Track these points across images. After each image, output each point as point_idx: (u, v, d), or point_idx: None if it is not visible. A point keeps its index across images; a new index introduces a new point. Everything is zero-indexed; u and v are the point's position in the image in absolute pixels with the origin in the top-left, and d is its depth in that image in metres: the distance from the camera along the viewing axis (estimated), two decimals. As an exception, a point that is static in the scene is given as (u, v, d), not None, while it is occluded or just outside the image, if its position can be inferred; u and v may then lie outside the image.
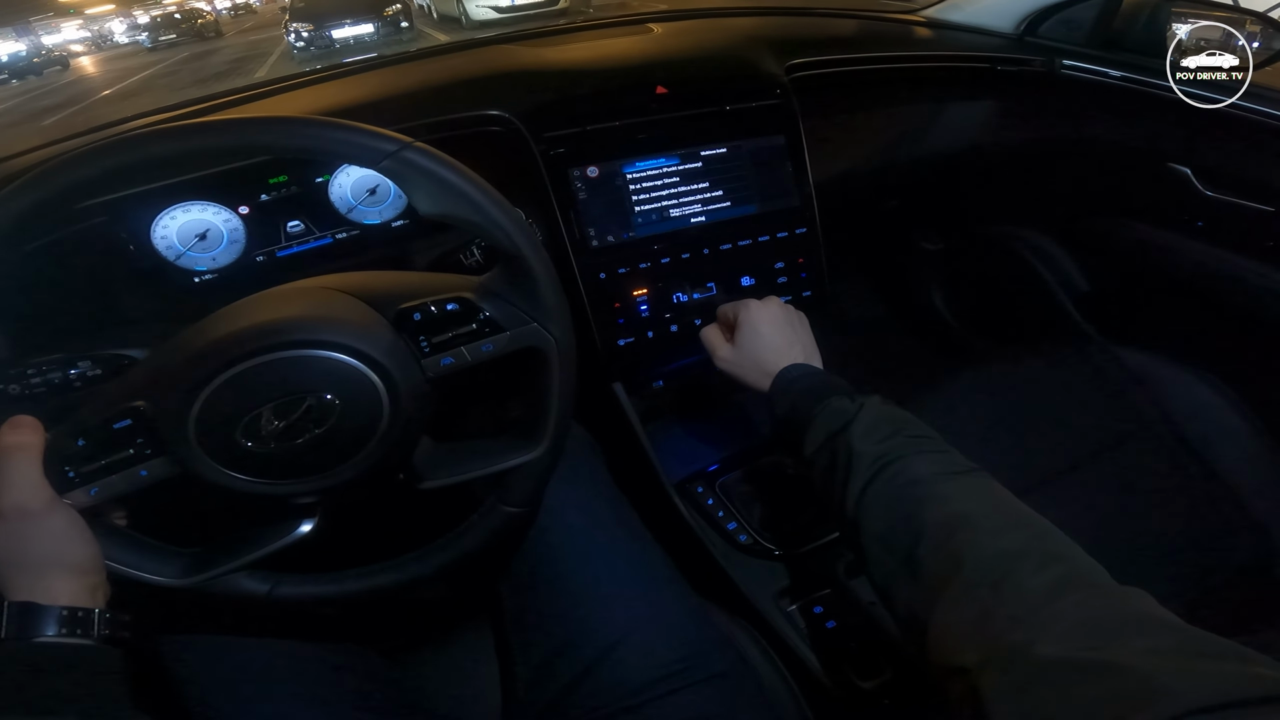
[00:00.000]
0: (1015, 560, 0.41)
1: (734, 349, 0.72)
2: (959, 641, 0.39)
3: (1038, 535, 0.44)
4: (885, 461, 0.53)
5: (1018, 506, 0.48)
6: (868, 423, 0.57)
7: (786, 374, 0.67)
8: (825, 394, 0.61)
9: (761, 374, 0.69)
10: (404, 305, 0.48)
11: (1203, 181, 0.99)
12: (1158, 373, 0.96)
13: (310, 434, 0.46)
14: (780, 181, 0.87)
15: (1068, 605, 0.37)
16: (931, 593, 0.43)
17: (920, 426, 0.58)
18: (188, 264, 0.69)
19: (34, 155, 0.76)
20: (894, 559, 0.48)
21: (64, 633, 0.43)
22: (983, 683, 0.35)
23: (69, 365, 0.50)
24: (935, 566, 0.45)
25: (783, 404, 0.65)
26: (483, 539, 0.57)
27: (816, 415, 0.60)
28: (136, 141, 0.43)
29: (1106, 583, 0.40)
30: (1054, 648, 0.34)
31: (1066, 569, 0.40)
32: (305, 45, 9.76)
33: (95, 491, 0.45)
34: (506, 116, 0.79)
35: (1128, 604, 0.37)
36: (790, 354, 0.69)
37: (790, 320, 0.72)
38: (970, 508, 0.47)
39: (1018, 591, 0.39)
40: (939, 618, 0.42)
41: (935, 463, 0.53)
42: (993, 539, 0.43)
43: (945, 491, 0.49)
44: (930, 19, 1.21)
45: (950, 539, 0.45)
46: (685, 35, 1.08)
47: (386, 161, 0.45)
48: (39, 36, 21.82)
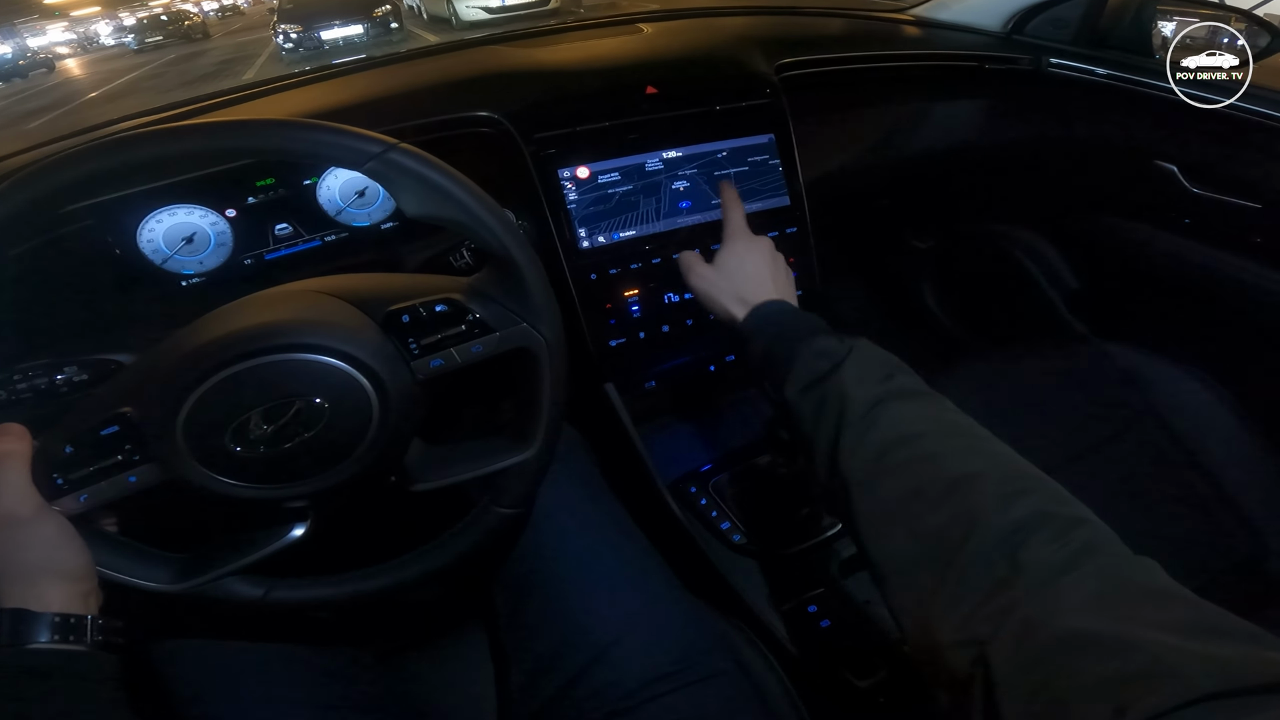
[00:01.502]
0: (1029, 527, 0.39)
1: (714, 269, 0.67)
2: (970, 613, 0.37)
3: (1050, 498, 0.42)
4: (880, 412, 0.49)
5: (1021, 464, 0.45)
6: (858, 366, 0.52)
7: (764, 308, 0.63)
8: (810, 331, 0.57)
9: (739, 301, 0.64)
10: (392, 307, 0.48)
11: (1189, 178, 1.00)
12: (1147, 369, 0.97)
13: (300, 438, 0.46)
14: (770, 181, 0.87)
15: (1083, 575, 0.36)
16: (939, 563, 0.40)
17: (909, 370, 0.55)
18: (175, 268, 0.68)
19: (19, 159, 0.76)
20: (895, 527, 0.45)
21: (57, 639, 0.43)
22: (993, 654, 0.34)
23: (55, 370, 0.50)
24: (943, 536, 0.41)
25: (759, 339, 0.61)
26: (476, 540, 0.57)
27: (799, 354, 0.55)
28: (119, 145, 0.42)
29: (1120, 551, 0.38)
30: (1067, 620, 0.33)
31: (1082, 537, 0.38)
32: (294, 47, 9.69)
33: (85, 498, 0.45)
34: (496, 117, 0.78)
35: (1141, 575, 0.36)
36: (770, 290, 0.65)
37: (777, 261, 0.68)
38: (976, 468, 0.44)
39: (1033, 561, 0.37)
40: (949, 589, 0.39)
41: (930, 411, 0.50)
42: (1004, 504, 0.41)
43: (947, 448, 0.46)
44: (918, 17, 1.22)
45: (958, 505, 0.42)
46: (675, 35, 1.08)
47: (371, 163, 0.45)
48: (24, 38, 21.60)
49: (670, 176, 0.83)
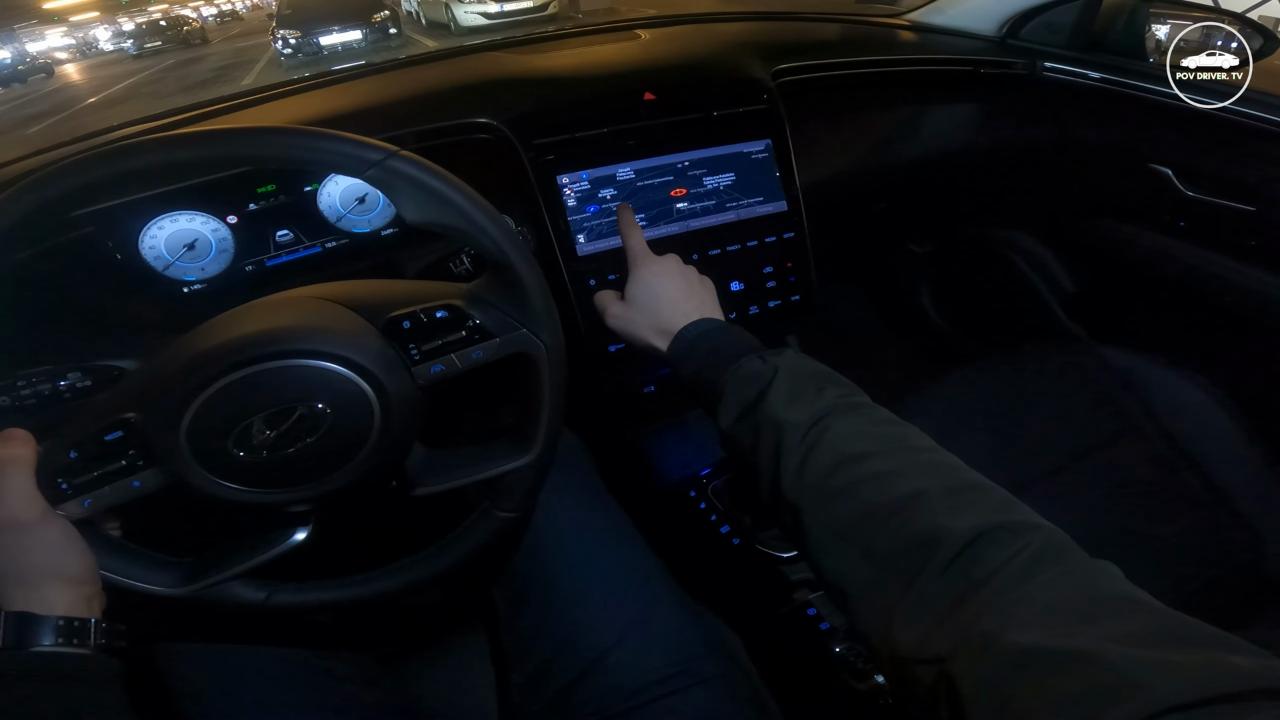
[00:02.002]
0: (982, 540, 0.38)
1: (625, 305, 0.65)
2: (930, 631, 0.37)
3: (999, 507, 0.41)
4: (818, 434, 0.48)
5: (967, 474, 0.45)
6: (788, 387, 0.51)
7: (687, 332, 0.60)
8: (732, 354, 0.56)
9: (658, 333, 0.62)
10: (393, 313, 0.49)
11: (1184, 181, 1.00)
12: (1144, 372, 0.97)
13: (302, 443, 0.46)
14: (768, 186, 0.87)
15: (1040, 584, 0.35)
16: (896, 583, 0.40)
17: (840, 380, 0.54)
18: (176, 274, 0.69)
19: (19, 165, 0.76)
20: (849, 549, 0.44)
21: (60, 642, 0.44)
22: (955, 672, 0.34)
23: (59, 377, 0.50)
24: (898, 555, 0.41)
25: (685, 368, 0.59)
26: (477, 544, 0.57)
27: (728, 382, 0.54)
28: (124, 152, 0.43)
29: (1078, 558, 0.38)
30: (1027, 634, 0.32)
31: (1036, 544, 0.38)
32: (293, 52, 9.71)
33: (88, 503, 0.45)
34: (495, 124, 0.79)
35: (1101, 582, 0.36)
36: (689, 310, 0.62)
37: (688, 276, 0.66)
38: (923, 483, 0.43)
39: (988, 574, 0.37)
40: (907, 608, 0.39)
41: (869, 426, 0.49)
42: (954, 518, 0.40)
43: (892, 466, 0.45)
44: (914, 22, 1.22)
45: (909, 523, 0.41)
46: (673, 41, 1.08)
47: (372, 170, 0.45)
48: (23, 43, 21.64)
49: (668, 182, 0.83)
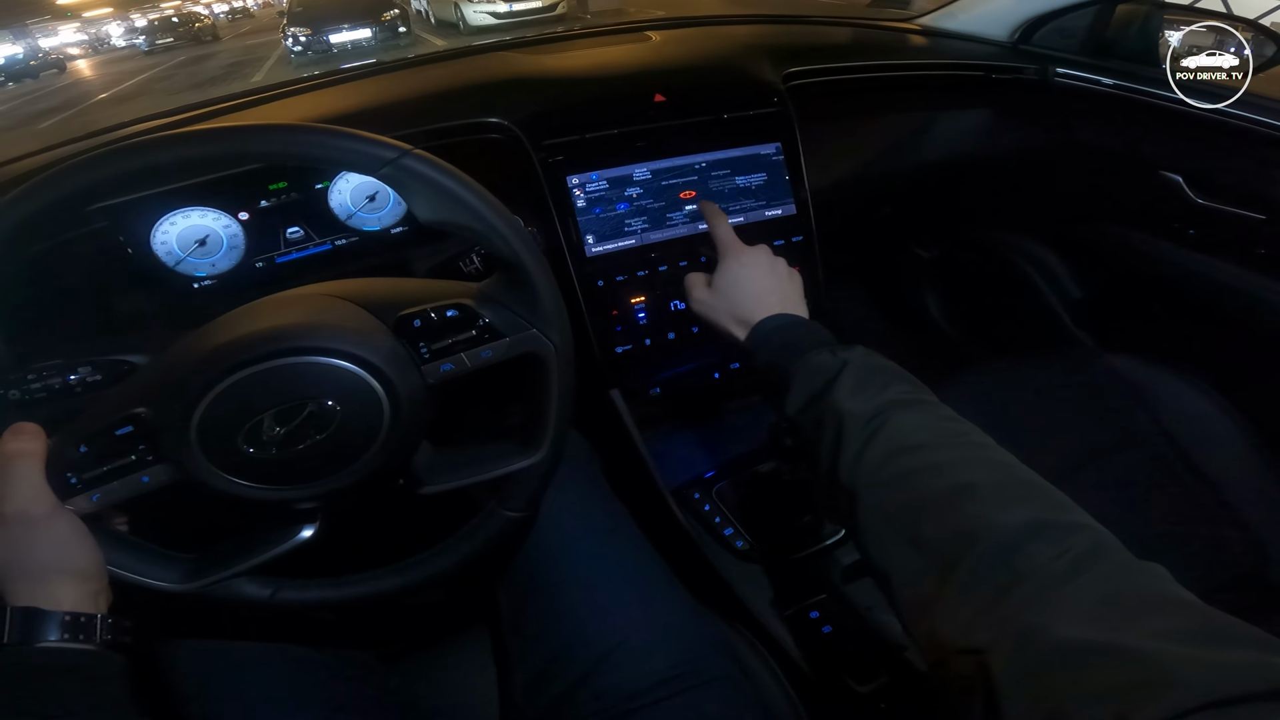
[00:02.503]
0: (1029, 536, 0.39)
1: (711, 292, 0.67)
2: (971, 621, 0.37)
3: (1049, 506, 0.42)
4: (878, 424, 0.49)
5: (1021, 471, 0.46)
6: (854, 380, 0.53)
7: (764, 325, 0.63)
8: (805, 348, 0.58)
9: (737, 323, 0.65)
10: (404, 312, 0.49)
11: (1194, 189, 1.00)
12: (1150, 380, 0.96)
13: (311, 440, 0.47)
14: (777, 189, 0.87)
15: (1085, 583, 0.35)
16: (940, 572, 0.41)
17: (906, 376, 0.55)
18: (187, 270, 0.69)
19: (31, 161, 0.77)
20: (897, 536, 0.45)
21: (66, 638, 0.43)
22: (993, 662, 0.34)
23: (69, 370, 0.50)
24: (944, 544, 0.42)
25: (760, 358, 0.61)
26: (483, 543, 0.57)
27: (797, 372, 0.56)
28: (142, 148, 0.43)
29: (1124, 557, 0.38)
30: (1068, 629, 0.33)
31: (1083, 543, 0.38)
32: (303, 50, 9.74)
33: (97, 498, 0.45)
34: (505, 124, 0.79)
35: (1146, 581, 0.36)
36: (770, 304, 0.64)
37: (776, 269, 0.67)
38: (976, 476, 0.44)
39: (1034, 569, 0.37)
40: (950, 598, 0.39)
41: (929, 420, 0.50)
42: (1004, 512, 0.41)
43: (947, 458, 0.46)
44: (925, 27, 1.22)
45: (958, 513, 0.42)
46: (683, 43, 1.08)
47: (386, 169, 0.46)
48: (36, 39, 21.77)
49: (677, 184, 0.83)
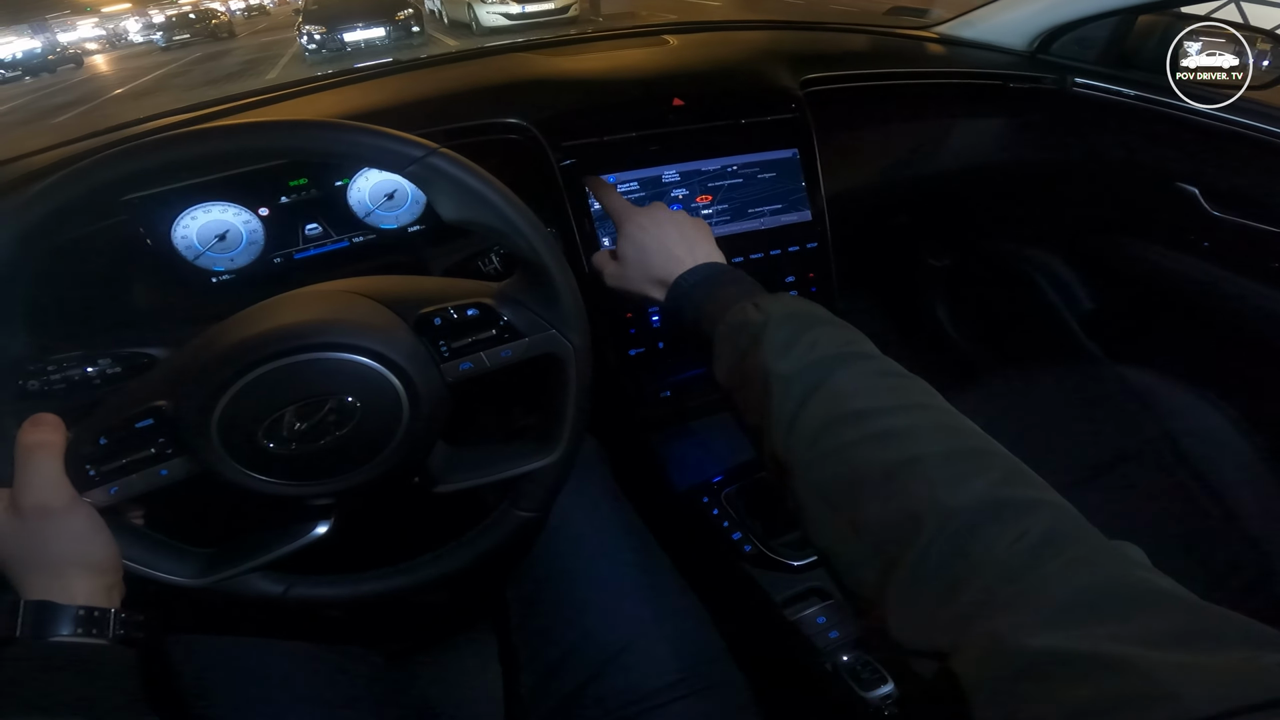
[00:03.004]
0: (982, 517, 0.34)
1: (618, 264, 0.64)
2: (926, 619, 0.33)
3: (1003, 478, 0.37)
4: (811, 386, 0.44)
5: (971, 437, 0.41)
6: (782, 335, 0.48)
7: (682, 281, 0.58)
8: (727, 302, 0.53)
9: (653, 284, 0.61)
10: (425, 310, 0.49)
11: (1210, 201, 1.00)
12: (1161, 392, 0.96)
13: (331, 436, 0.47)
14: (793, 196, 0.87)
15: (1050, 573, 0.32)
16: (886, 560, 0.36)
17: (840, 323, 0.50)
18: (206, 264, 0.69)
19: (49, 155, 0.77)
20: (836, 516, 0.40)
21: (80, 632, 0.43)
22: (960, 671, 0.30)
23: (89, 362, 0.50)
24: (887, 530, 0.37)
25: (683, 318, 0.57)
26: (495, 543, 0.57)
27: (718, 332, 0.52)
28: (167, 142, 0.43)
29: (1092, 539, 0.34)
30: (1039, 635, 0.29)
31: (1042, 523, 0.34)
32: (317, 48, 9.80)
33: (115, 490, 0.46)
34: (524, 125, 0.79)
35: (1121, 569, 0.32)
36: (681, 256, 0.60)
37: (678, 221, 0.63)
38: (920, 448, 0.39)
39: (990, 558, 0.33)
40: (900, 591, 0.35)
41: (869, 380, 0.45)
42: (953, 490, 0.36)
43: (888, 425, 0.41)
44: (943, 35, 1.22)
45: (900, 494, 0.37)
46: (701, 48, 1.08)
47: (413, 167, 0.46)
48: (55, 34, 21.94)
49: (694, 188, 0.83)
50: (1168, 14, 1.04)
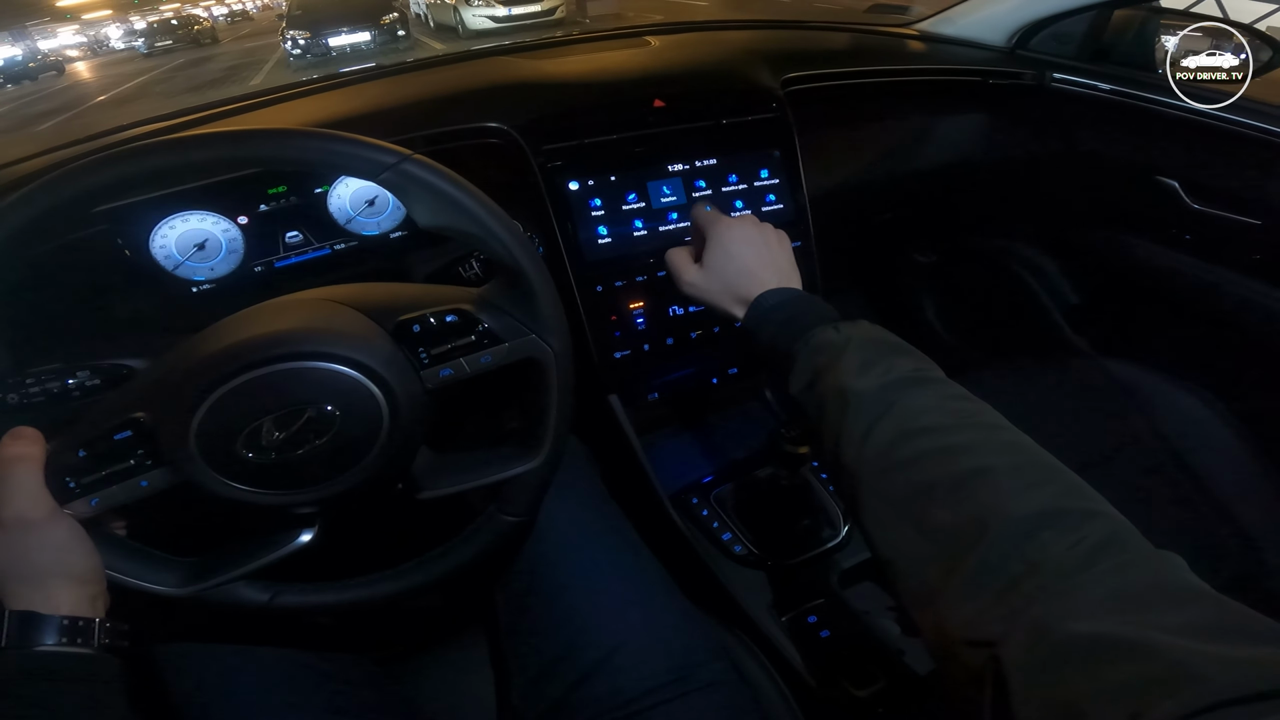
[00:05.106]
0: (1044, 524, 0.37)
1: (702, 272, 0.65)
2: (981, 612, 0.36)
3: (1065, 491, 0.40)
4: (886, 404, 0.47)
5: (1037, 454, 0.44)
6: (859, 357, 0.51)
7: (763, 302, 0.60)
8: (807, 324, 0.56)
9: (734, 300, 0.63)
10: (403, 317, 0.49)
11: (1190, 194, 1.00)
12: (1147, 385, 0.97)
13: (310, 445, 0.47)
14: (775, 194, 0.88)
15: (1099, 573, 0.34)
16: (948, 560, 0.39)
17: (913, 352, 0.53)
18: (186, 274, 0.69)
19: (30, 164, 0.76)
20: (902, 521, 0.43)
21: (64, 642, 0.43)
22: (1004, 655, 0.33)
23: (67, 375, 0.50)
24: (954, 532, 0.40)
25: (761, 337, 0.60)
26: (481, 547, 0.57)
27: (799, 351, 0.54)
28: (137, 153, 0.43)
29: (1140, 546, 0.36)
30: (1083, 622, 0.31)
31: (1099, 532, 0.36)
32: (302, 53, 9.74)
33: (96, 502, 0.45)
34: (505, 128, 0.79)
35: (1162, 572, 0.34)
36: (766, 277, 0.62)
37: (766, 239, 0.65)
38: (989, 460, 0.42)
39: (1047, 558, 0.35)
40: (957, 588, 0.37)
41: (939, 400, 0.48)
42: (1018, 499, 0.39)
43: (959, 441, 0.44)
44: (923, 32, 1.23)
45: (970, 500, 0.40)
46: (682, 48, 1.09)
47: (386, 174, 0.46)
48: (35, 41, 21.74)
49: (677, 190, 0.83)
50: (1144, 8, 1.05)
